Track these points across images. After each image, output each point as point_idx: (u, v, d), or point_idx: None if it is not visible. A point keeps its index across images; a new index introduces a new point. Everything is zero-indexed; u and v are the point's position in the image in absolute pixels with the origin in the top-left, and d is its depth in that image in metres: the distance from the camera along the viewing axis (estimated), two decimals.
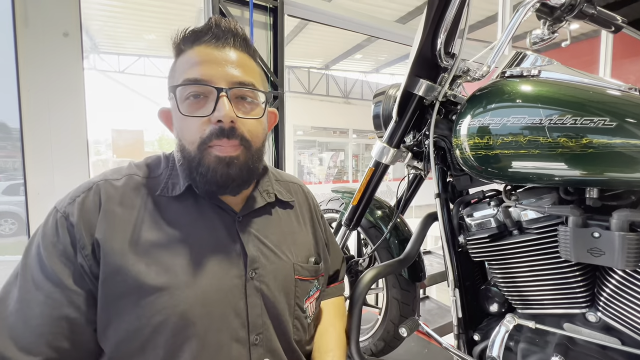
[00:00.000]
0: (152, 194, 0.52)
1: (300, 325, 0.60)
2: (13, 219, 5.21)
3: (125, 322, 0.46)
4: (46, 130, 1.26)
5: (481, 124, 0.63)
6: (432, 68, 0.78)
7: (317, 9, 1.92)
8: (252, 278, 0.53)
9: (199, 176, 0.50)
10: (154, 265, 0.47)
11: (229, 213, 0.55)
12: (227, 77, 0.49)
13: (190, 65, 0.50)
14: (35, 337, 0.43)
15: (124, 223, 0.48)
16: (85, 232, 0.46)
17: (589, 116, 0.52)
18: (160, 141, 16.79)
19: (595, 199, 0.58)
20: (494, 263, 0.72)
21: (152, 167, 0.56)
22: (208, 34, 0.51)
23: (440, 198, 0.81)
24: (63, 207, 0.48)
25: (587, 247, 0.55)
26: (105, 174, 0.52)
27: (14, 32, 1.16)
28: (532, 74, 0.64)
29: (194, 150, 0.50)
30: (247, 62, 0.53)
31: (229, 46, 0.52)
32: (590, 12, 0.80)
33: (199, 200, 0.54)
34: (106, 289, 0.45)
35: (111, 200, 0.48)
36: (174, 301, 0.46)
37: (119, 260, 0.45)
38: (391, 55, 9.19)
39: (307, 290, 0.62)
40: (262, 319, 0.53)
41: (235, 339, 0.50)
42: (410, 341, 1.27)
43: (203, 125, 0.49)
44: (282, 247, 0.60)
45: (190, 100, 0.50)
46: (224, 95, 0.48)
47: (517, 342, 0.68)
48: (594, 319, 0.61)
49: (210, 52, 0.50)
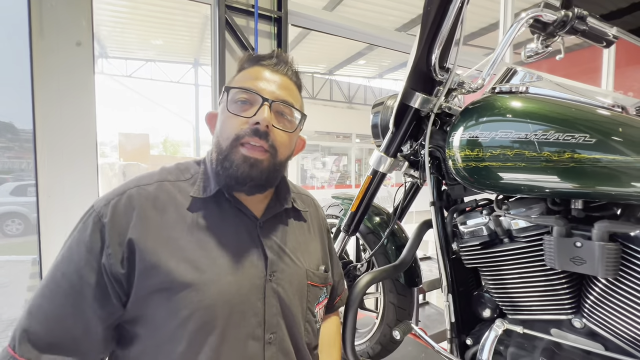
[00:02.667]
0: (183, 197, 0.56)
1: (311, 329, 0.64)
2: (20, 219, 5.29)
3: (156, 316, 0.50)
4: (58, 135, 1.31)
5: (472, 136, 0.66)
6: (428, 81, 0.81)
7: (320, 19, 1.97)
8: (271, 280, 0.57)
9: (222, 169, 0.55)
10: (184, 263, 0.51)
11: (250, 218, 0.60)
12: (273, 93, 0.58)
13: (247, 78, 0.59)
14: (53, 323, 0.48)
15: (157, 224, 0.52)
16: (114, 233, 0.50)
17: (571, 132, 0.55)
18: (165, 144, 16.94)
19: (580, 210, 0.61)
20: (485, 270, 0.75)
21: (183, 170, 0.60)
22: (270, 59, 0.61)
23: (435, 206, 0.84)
24: (99, 208, 0.52)
25: (569, 256, 0.58)
26: (139, 179, 0.56)
27: (29, 42, 1.22)
28: (520, 90, 0.67)
29: (226, 145, 0.56)
30: (293, 89, 0.62)
31: (282, 73, 0.61)
32: (581, 28, 0.83)
33: (226, 204, 0.58)
34: (140, 285, 0.49)
35: (145, 205, 0.53)
36: (200, 296, 0.50)
37: (153, 258, 0.50)
38: (394, 61, 9.25)
39: (318, 296, 0.66)
40: (277, 319, 0.57)
41: (252, 337, 0.54)
42: (408, 345, 1.29)
43: (242, 125, 0.55)
44: (297, 254, 0.64)
45: (238, 104, 0.57)
46: (266, 104, 0.56)
47: (506, 347, 0.71)
48: (579, 325, 0.63)
49: (267, 72, 0.59)
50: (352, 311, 0.79)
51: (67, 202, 1.32)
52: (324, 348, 0.73)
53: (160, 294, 0.49)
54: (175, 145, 17.09)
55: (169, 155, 14.94)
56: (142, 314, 0.50)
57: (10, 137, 5.11)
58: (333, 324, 0.78)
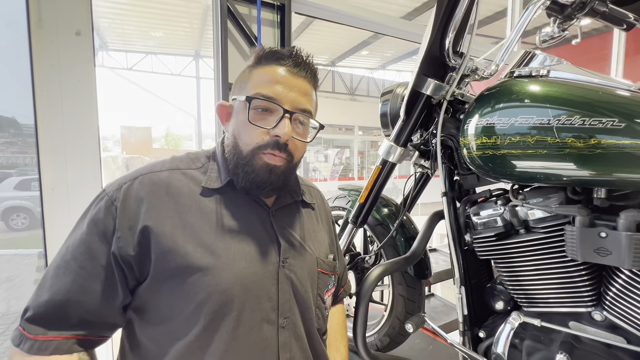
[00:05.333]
0: (195, 184, 0.57)
1: (321, 315, 0.66)
2: (25, 213, 5.32)
3: (172, 300, 0.50)
4: (60, 127, 1.29)
5: (489, 123, 0.63)
6: (440, 67, 0.78)
7: (323, 6, 1.92)
8: (284, 266, 0.58)
9: (243, 174, 0.56)
10: (200, 247, 0.52)
11: (262, 207, 0.61)
12: (294, 102, 0.57)
13: (267, 81, 0.57)
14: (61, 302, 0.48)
15: (171, 210, 0.52)
16: (124, 217, 0.50)
17: (597, 117, 0.52)
18: (167, 137, 16.95)
19: (603, 199, 0.58)
20: (500, 261, 0.73)
21: (194, 159, 0.61)
22: (289, 59, 0.59)
23: (447, 197, 0.82)
24: (111, 192, 0.52)
25: (593, 247, 0.55)
26: (152, 166, 0.57)
27: (28, 32, 1.19)
28: (541, 74, 0.64)
29: (246, 152, 0.56)
30: (311, 93, 0.61)
31: (302, 77, 0.59)
32: (601, 10, 0.79)
33: (237, 193, 0.59)
34: (157, 268, 0.50)
35: (158, 191, 0.53)
36: (216, 280, 0.51)
37: (170, 242, 0.50)
38: (397, 51, 9.12)
39: (327, 283, 0.68)
40: (290, 304, 0.58)
41: (267, 321, 0.55)
42: (415, 337, 1.28)
43: (262, 135, 0.56)
44: (308, 242, 0.65)
45: (258, 111, 0.56)
46: (287, 117, 0.55)
47: (522, 340, 0.69)
48: (599, 317, 0.61)
49: (287, 75, 0.58)
50: (364, 304, 0.78)
51: (71, 195, 1.31)
52: (332, 340, 0.73)
53: (177, 278, 0.50)
54: (176, 139, 17.10)
55: (171, 149, 14.95)
56: (158, 298, 0.51)
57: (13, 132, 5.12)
58: (339, 314, 0.78)
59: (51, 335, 0.47)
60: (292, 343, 0.57)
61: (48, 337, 0.47)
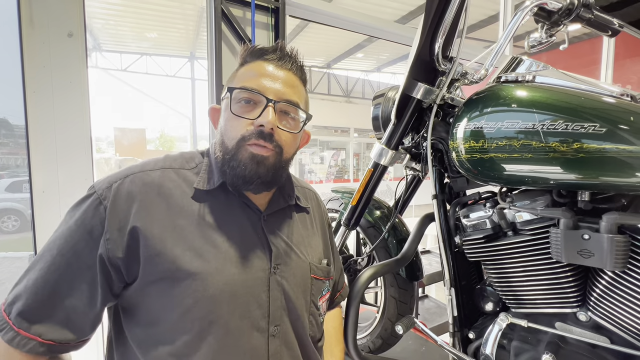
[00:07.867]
0: (187, 186, 0.56)
1: (315, 322, 0.64)
2: (16, 216, 5.25)
3: (161, 303, 0.49)
4: (51, 129, 1.28)
5: (477, 127, 0.65)
6: (430, 71, 0.79)
7: (318, 10, 1.93)
8: (275, 273, 0.57)
9: (230, 169, 0.55)
10: (189, 251, 0.51)
11: (255, 211, 0.59)
12: (278, 92, 0.56)
13: (251, 75, 0.56)
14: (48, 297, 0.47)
15: (162, 212, 0.51)
16: (114, 218, 0.49)
17: (580, 122, 0.54)
18: (161, 139, 16.82)
19: (587, 202, 0.59)
20: (488, 263, 0.74)
21: (188, 159, 0.60)
22: (273, 54, 0.58)
23: (438, 199, 0.83)
24: (101, 190, 0.51)
25: (577, 249, 0.56)
26: (143, 164, 0.55)
27: (19, 32, 1.18)
28: (527, 79, 0.65)
29: (232, 146, 0.55)
30: (298, 85, 0.60)
31: (287, 69, 0.58)
32: (587, 17, 0.81)
33: (230, 196, 0.58)
34: (146, 272, 0.49)
35: (149, 191, 0.52)
36: (204, 286, 0.50)
37: (158, 244, 0.49)
38: (392, 54, 9.18)
39: (321, 289, 0.66)
40: (281, 311, 0.57)
41: (256, 328, 0.54)
42: (408, 339, 1.29)
43: (247, 126, 0.55)
44: (301, 247, 0.64)
45: (241, 104, 0.56)
46: (271, 106, 0.54)
47: (509, 341, 0.70)
48: (584, 318, 0.63)
49: (271, 68, 0.57)
50: (354, 305, 0.78)
51: (62, 197, 1.30)
52: (328, 345, 0.72)
53: (165, 282, 0.49)
54: (171, 140, 16.97)
55: (165, 150, 14.84)
56: (148, 299, 0.50)
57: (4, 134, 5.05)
58: (336, 318, 0.77)
59: (33, 332, 0.46)
60: (282, 352, 0.56)
61: (30, 335, 0.46)
